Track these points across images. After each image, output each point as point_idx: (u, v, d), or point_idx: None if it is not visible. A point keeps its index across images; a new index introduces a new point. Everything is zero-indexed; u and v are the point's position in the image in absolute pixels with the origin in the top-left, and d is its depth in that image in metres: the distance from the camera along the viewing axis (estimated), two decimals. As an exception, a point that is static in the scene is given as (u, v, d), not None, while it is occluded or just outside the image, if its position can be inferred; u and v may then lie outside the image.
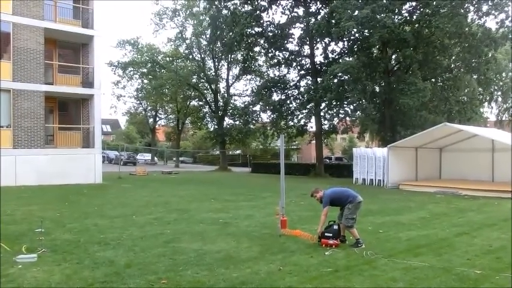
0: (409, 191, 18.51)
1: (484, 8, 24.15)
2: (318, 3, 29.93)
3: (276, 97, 32.86)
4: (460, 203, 13.95)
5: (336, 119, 31.15)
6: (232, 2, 32.66)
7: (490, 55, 25.61)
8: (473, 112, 32.19)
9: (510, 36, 24.35)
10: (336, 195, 7.49)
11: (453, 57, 28.27)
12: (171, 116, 54.75)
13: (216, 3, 33.42)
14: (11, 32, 18.84)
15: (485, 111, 46.44)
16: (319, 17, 28.60)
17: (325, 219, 7.30)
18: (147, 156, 58.12)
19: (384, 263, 6.09)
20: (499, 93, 48.96)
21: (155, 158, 59.16)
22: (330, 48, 30.10)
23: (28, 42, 19.24)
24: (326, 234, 7.19)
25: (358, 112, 29.63)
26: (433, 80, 28.17)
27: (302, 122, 32.31)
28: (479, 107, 36.50)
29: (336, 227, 7.30)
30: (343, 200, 7.39)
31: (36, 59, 19.49)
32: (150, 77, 44.61)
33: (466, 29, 24.33)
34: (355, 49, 27.00)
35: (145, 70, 44.72)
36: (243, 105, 38.72)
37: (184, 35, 42.37)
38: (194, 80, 43.07)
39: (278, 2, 30.93)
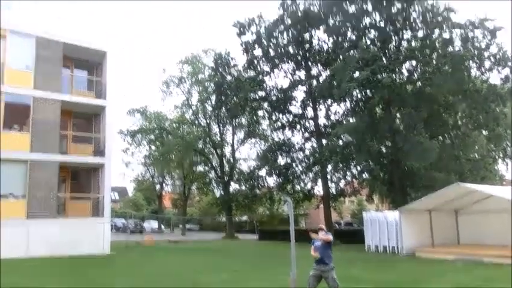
0: (426, 259, 17.10)
1: (487, 64, 23.84)
2: (319, 65, 30.18)
3: (281, 160, 32.24)
4: (485, 272, 12.56)
5: (342, 181, 30.14)
6: (236, 68, 33.21)
7: (498, 110, 24.86)
8: (487, 170, 30.84)
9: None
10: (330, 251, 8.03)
11: (459, 114, 27.58)
12: (177, 181, 54.21)
13: (220, 70, 34.02)
14: (31, 105, 19.08)
15: (500, 169, 44.91)
16: (320, 79, 28.65)
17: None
18: (154, 224, 56.68)
19: None
20: (513, 148, 47.67)
21: (162, 226, 57.75)
22: (333, 110, 29.92)
23: (47, 115, 19.38)
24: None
25: (365, 174, 28.60)
26: (441, 138, 27.32)
27: (309, 186, 31.31)
28: (493, 165, 35.05)
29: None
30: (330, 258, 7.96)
31: (54, 130, 19.56)
32: (157, 143, 44.82)
33: (470, 85, 23.88)
34: (358, 109, 26.63)
35: (152, 137, 45.05)
36: (248, 170, 38.08)
37: (190, 102, 42.98)
38: (200, 145, 42.97)
39: (280, 66, 31.31)
